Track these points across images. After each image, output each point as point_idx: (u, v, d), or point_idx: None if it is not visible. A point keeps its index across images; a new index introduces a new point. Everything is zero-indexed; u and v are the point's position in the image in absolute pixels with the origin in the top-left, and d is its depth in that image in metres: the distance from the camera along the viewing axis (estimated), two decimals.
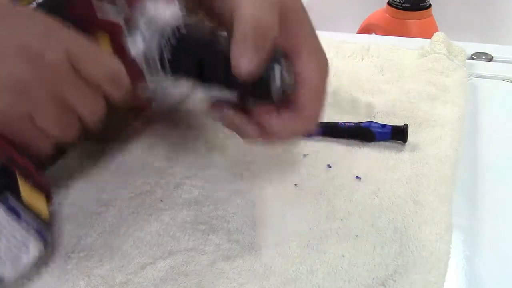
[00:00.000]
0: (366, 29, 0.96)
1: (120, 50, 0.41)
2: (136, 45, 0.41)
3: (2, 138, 0.36)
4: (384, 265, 0.38)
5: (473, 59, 0.69)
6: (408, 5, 0.89)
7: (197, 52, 0.40)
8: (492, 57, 0.69)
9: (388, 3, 0.92)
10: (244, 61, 0.37)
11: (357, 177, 0.47)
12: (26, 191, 0.37)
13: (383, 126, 0.51)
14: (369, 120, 0.52)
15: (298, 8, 0.41)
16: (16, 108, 0.36)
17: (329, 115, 0.55)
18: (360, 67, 0.65)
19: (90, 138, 0.46)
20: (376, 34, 0.93)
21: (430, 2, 0.90)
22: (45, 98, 0.36)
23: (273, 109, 0.40)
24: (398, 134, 0.50)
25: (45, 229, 0.38)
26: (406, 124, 0.50)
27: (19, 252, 0.36)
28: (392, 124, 0.51)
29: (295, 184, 0.47)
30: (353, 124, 0.52)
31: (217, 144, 0.52)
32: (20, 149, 0.37)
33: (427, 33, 0.71)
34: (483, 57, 0.69)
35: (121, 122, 0.53)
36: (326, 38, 0.71)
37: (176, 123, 0.56)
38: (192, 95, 0.60)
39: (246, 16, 0.37)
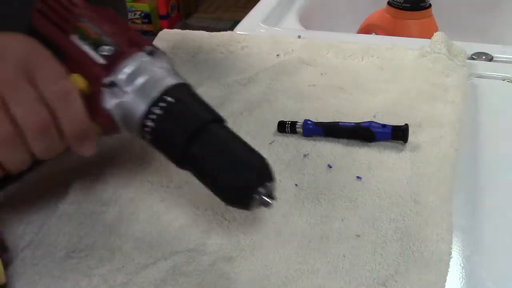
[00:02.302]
0: (366, 29, 0.96)
1: (95, 96, 0.39)
2: (114, 99, 0.39)
3: None
4: (385, 265, 0.38)
5: (473, 59, 0.69)
6: (408, 5, 0.89)
7: (181, 129, 0.38)
8: (492, 57, 0.69)
9: (388, 3, 0.92)
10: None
11: (357, 177, 0.47)
12: None
13: (384, 126, 0.51)
14: (369, 120, 0.52)
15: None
16: None
17: (329, 115, 0.56)
18: (360, 67, 0.65)
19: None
20: (376, 34, 0.93)
21: (430, 2, 0.90)
22: None
23: None
24: (399, 134, 0.50)
25: None
26: (406, 124, 0.50)
27: None
28: (392, 124, 0.51)
29: (296, 184, 0.47)
30: (353, 124, 0.52)
31: None
32: None
33: (427, 33, 0.71)
34: (483, 57, 0.69)
35: None
36: (326, 38, 0.72)
37: None
38: None
39: None
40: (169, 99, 0.38)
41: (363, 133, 0.51)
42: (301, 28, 0.83)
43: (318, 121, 0.54)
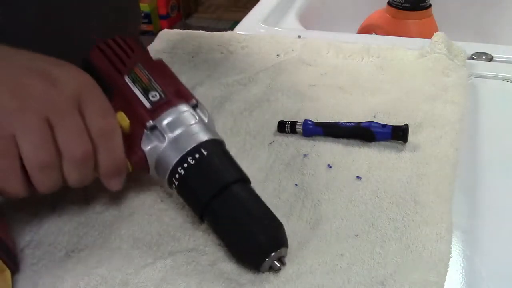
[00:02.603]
0: (366, 29, 0.96)
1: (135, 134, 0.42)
2: (152, 143, 0.41)
3: None
4: (384, 264, 0.38)
5: (473, 59, 0.69)
6: (408, 5, 0.89)
7: (210, 181, 0.40)
8: (492, 57, 0.69)
9: (388, 3, 0.92)
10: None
11: (357, 177, 0.47)
12: None
13: (384, 126, 0.51)
14: (369, 120, 0.52)
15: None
16: (5, 118, 0.35)
17: (329, 115, 0.56)
18: (360, 67, 0.65)
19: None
20: (376, 34, 0.93)
21: (430, 2, 0.90)
22: (37, 117, 0.36)
23: None
24: (399, 134, 0.50)
25: None
26: (406, 124, 0.50)
27: None
28: (392, 124, 0.51)
29: (296, 184, 0.47)
30: (353, 124, 0.52)
31: None
32: None
33: (427, 33, 0.71)
34: (483, 57, 0.69)
35: None
36: (326, 38, 0.72)
37: None
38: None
39: None
40: (203, 151, 0.40)
41: (363, 133, 0.51)
42: (301, 28, 0.83)
43: (318, 121, 0.54)
